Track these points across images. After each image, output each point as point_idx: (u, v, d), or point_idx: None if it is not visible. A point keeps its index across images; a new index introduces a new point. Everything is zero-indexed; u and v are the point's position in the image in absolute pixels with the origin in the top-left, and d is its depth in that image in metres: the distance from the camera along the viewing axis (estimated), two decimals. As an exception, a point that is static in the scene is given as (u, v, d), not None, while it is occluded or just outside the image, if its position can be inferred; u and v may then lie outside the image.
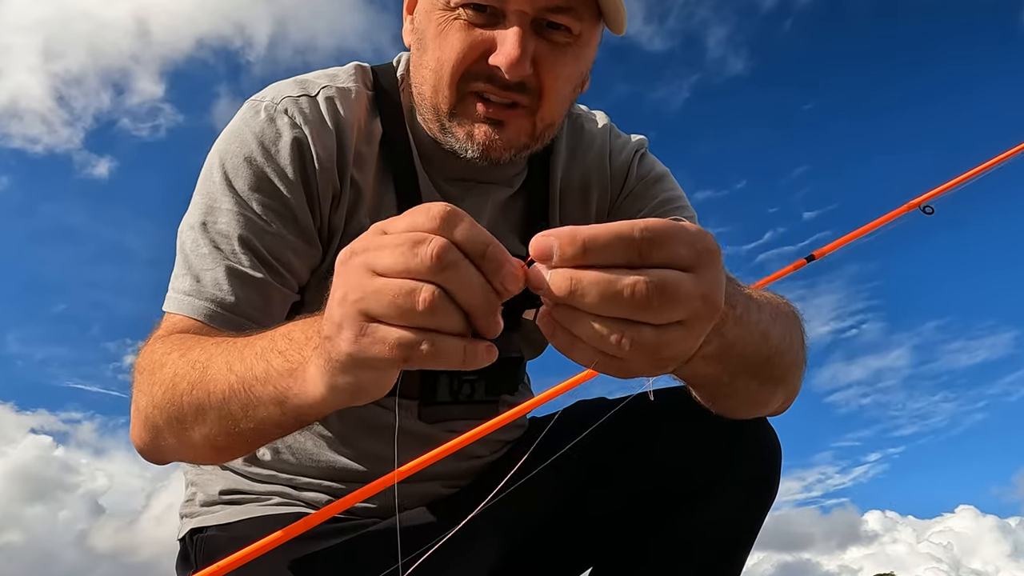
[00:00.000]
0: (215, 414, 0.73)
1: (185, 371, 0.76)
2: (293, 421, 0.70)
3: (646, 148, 1.17)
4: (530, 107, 0.91)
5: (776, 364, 0.77)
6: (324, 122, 0.96)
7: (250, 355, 0.69)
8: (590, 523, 1.11)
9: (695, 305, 0.50)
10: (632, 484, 1.08)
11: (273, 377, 0.66)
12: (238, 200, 0.92)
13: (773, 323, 0.75)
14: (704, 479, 1.05)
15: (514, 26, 0.85)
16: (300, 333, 0.65)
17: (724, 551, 1.07)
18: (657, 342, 0.49)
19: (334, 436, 1.04)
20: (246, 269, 0.90)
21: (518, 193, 1.09)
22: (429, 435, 1.03)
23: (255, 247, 0.91)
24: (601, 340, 0.49)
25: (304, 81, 1.00)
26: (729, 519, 1.06)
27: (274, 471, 1.06)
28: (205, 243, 0.91)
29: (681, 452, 1.05)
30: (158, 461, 0.90)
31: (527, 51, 0.86)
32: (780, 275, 1.50)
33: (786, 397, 0.88)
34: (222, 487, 1.08)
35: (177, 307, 0.90)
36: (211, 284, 0.89)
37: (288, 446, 1.05)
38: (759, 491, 1.07)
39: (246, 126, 0.95)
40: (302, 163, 0.94)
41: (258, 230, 0.91)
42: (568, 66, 0.91)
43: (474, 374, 1.06)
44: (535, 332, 1.12)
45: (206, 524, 1.05)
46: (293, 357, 0.64)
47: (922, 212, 1.64)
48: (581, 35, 0.90)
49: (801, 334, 0.86)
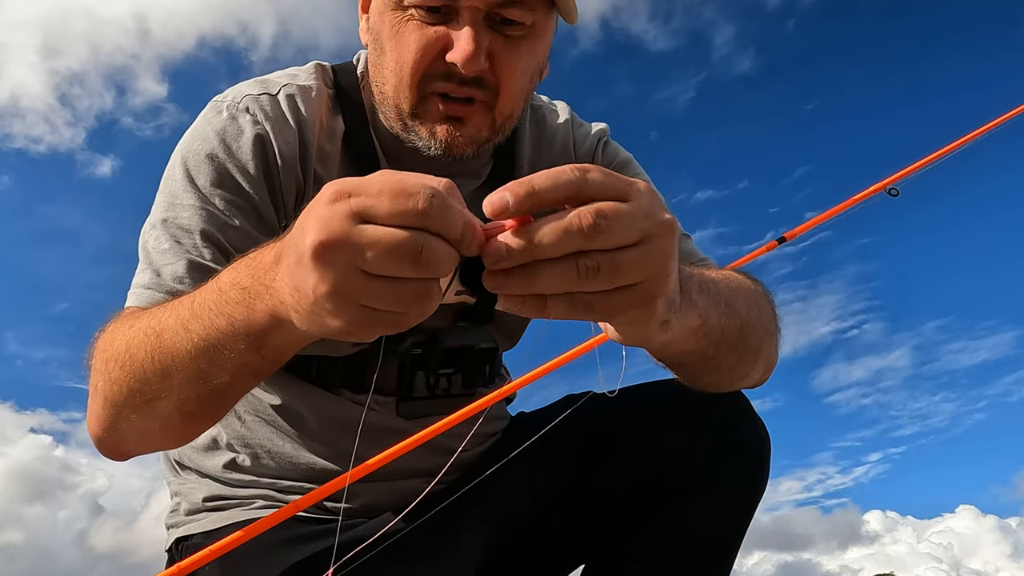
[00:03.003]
0: (182, 376, 0.72)
1: (140, 341, 0.75)
2: (271, 363, 0.70)
3: (608, 135, 1.18)
4: (488, 101, 0.92)
5: (749, 334, 0.80)
6: (286, 119, 0.96)
7: (204, 312, 0.69)
8: (581, 520, 1.11)
9: (642, 223, 0.53)
10: (622, 480, 1.09)
11: (241, 327, 0.66)
12: (200, 196, 0.92)
13: (735, 295, 0.78)
14: (694, 474, 1.06)
15: (467, 23, 0.87)
16: (250, 280, 0.65)
17: (716, 546, 1.08)
18: (614, 263, 0.52)
19: (312, 438, 1.05)
20: (207, 262, 0.89)
21: (484, 184, 1.09)
22: (407, 431, 1.03)
23: (218, 240, 0.91)
24: (565, 279, 0.52)
25: (265, 80, 1.01)
26: (720, 514, 1.07)
27: (255, 476, 1.06)
28: (166, 238, 0.90)
29: (670, 448, 1.06)
30: (117, 451, 0.88)
31: (481, 46, 0.87)
32: (752, 257, 1.53)
33: (765, 368, 0.90)
34: (205, 494, 1.07)
35: (136, 300, 0.88)
36: (171, 277, 0.88)
37: (267, 450, 1.05)
38: (749, 485, 1.08)
39: (208, 125, 0.95)
40: (264, 159, 0.94)
41: (221, 224, 0.91)
42: (523, 58, 0.92)
43: (451, 367, 1.07)
44: (508, 323, 1.16)
45: (192, 532, 1.05)
46: (258, 305, 0.64)
47: (888, 194, 1.67)
48: (535, 26, 0.91)
49: (769, 304, 0.88)
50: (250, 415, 1.06)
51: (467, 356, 1.08)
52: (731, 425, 1.06)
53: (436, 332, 1.05)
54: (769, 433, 1.10)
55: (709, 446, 1.05)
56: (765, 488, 1.10)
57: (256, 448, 1.05)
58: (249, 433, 1.06)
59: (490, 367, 1.15)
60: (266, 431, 1.05)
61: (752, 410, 1.10)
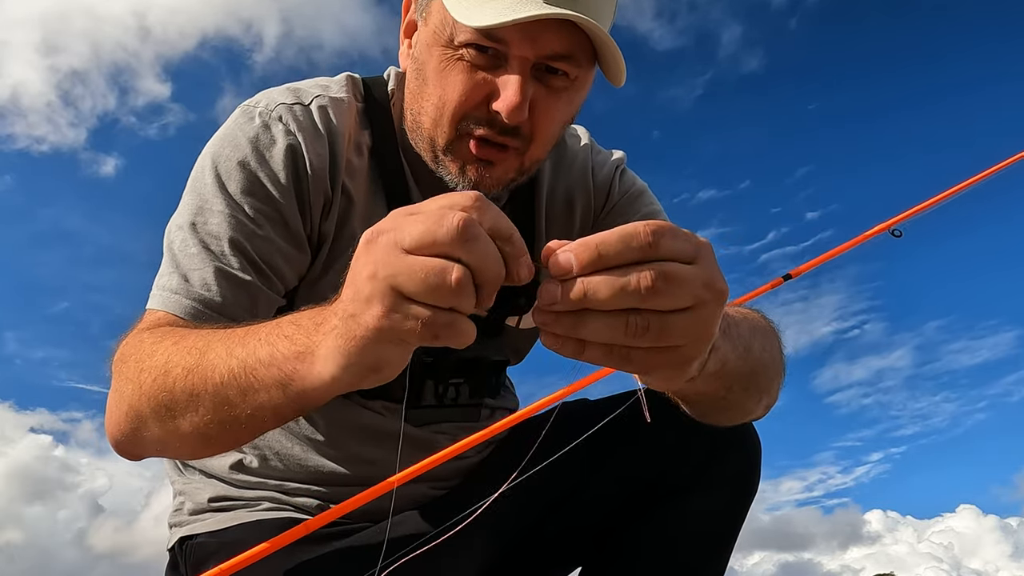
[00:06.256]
0: (210, 400, 0.73)
1: (179, 357, 0.76)
2: (293, 406, 0.70)
3: (625, 164, 1.21)
4: (520, 148, 0.93)
5: (761, 375, 0.81)
6: (317, 130, 0.97)
7: (253, 340, 0.70)
8: (578, 522, 1.12)
9: (699, 291, 0.53)
10: (619, 482, 1.10)
11: (279, 360, 0.66)
12: (230, 202, 0.92)
13: (752, 336, 0.78)
14: (688, 475, 1.07)
15: (516, 72, 0.87)
16: (308, 320, 0.66)
17: (709, 546, 1.10)
18: (664, 325, 0.53)
19: (321, 440, 1.05)
20: (235, 271, 0.90)
21: (505, 207, 1.11)
22: (416, 438, 1.05)
23: (245, 249, 0.91)
24: (611, 332, 0.53)
25: (297, 89, 1.01)
26: (713, 514, 1.08)
27: (262, 477, 1.06)
28: (194, 243, 0.91)
29: (665, 449, 1.08)
30: (133, 454, 0.88)
31: (527, 97, 0.87)
32: (759, 293, 1.54)
33: (767, 405, 0.91)
34: (211, 495, 1.08)
35: (162, 304, 0.89)
36: (199, 284, 0.89)
37: (276, 452, 1.06)
38: (742, 485, 1.10)
39: (240, 131, 0.95)
40: (295, 169, 0.95)
41: (249, 233, 0.92)
42: (562, 110, 0.94)
43: (459, 377, 1.09)
44: (517, 340, 1.18)
45: (196, 532, 1.05)
46: (301, 341, 0.65)
47: (891, 235, 1.70)
48: (577, 79, 0.92)
49: (779, 345, 0.89)
50: None
51: (478, 367, 1.10)
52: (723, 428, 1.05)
53: None
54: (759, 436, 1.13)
55: (703, 447, 1.07)
56: (757, 490, 1.12)
57: (265, 450, 1.06)
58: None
59: (496, 379, 1.17)
60: (276, 433, 1.06)
61: None
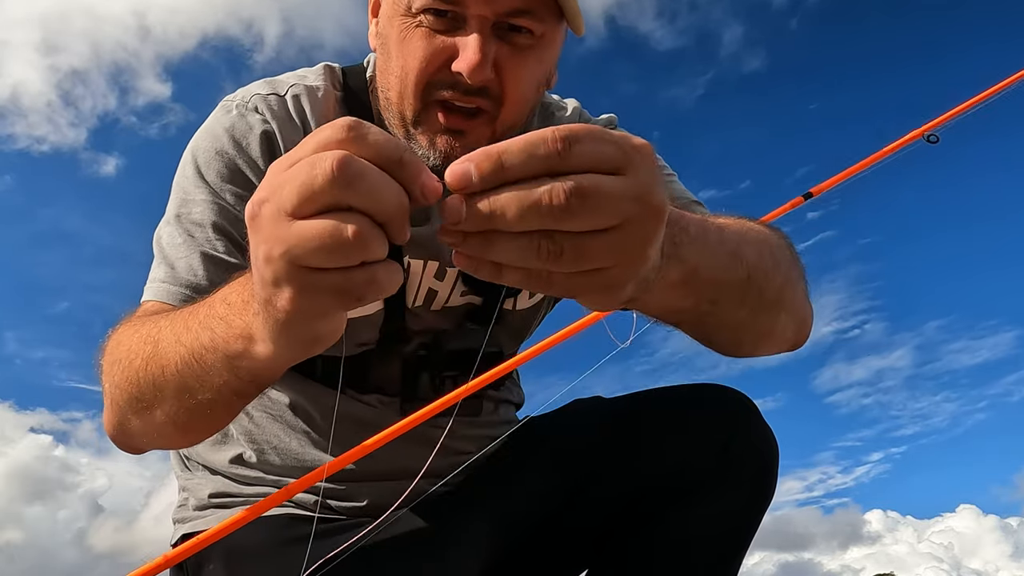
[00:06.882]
0: (171, 389, 0.73)
1: (138, 347, 0.76)
2: (250, 385, 0.69)
3: (616, 124, 1.17)
4: (492, 112, 0.91)
5: (763, 286, 0.73)
6: (291, 118, 0.99)
7: (195, 325, 0.69)
8: (585, 524, 1.09)
9: (626, 207, 0.47)
10: (627, 484, 1.06)
11: (220, 344, 0.65)
12: (211, 191, 0.94)
13: (743, 242, 0.72)
14: (700, 476, 1.03)
15: (475, 31, 0.86)
16: (237, 296, 0.64)
17: (722, 551, 1.05)
18: (581, 249, 0.47)
19: (317, 434, 1.05)
20: (221, 254, 0.92)
21: None
22: (413, 432, 1.01)
23: (229, 233, 0.93)
24: (523, 257, 0.47)
25: (274, 81, 1.04)
26: (727, 518, 1.04)
27: (261, 472, 1.06)
28: (179, 233, 0.93)
29: (676, 452, 1.04)
30: (129, 446, 0.89)
31: (488, 56, 0.86)
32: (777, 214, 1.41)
33: (796, 322, 0.85)
34: (211, 490, 1.08)
35: (152, 294, 0.90)
36: (185, 270, 0.90)
37: (273, 446, 1.06)
38: (757, 491, 1.05)
39: (218, 123, 0.98)
40: (272, 155, 0.96)
41: (232, 218, 0.93)
42: (530, 68, 0.91)
43: (455, 370, 1.06)
44: (516, 323, 1.16)
45: (198, 528, 1.05)
46: (235, 322, 0.63)
47: (926, 141, 1.56)
48: (543, 36, 0.90)
49: (787, 250, 0.82)
50: (258, 411, 1.07)
51: (471, 359, 1.07)
52: (739, 430, 1.04)
53: (441, 334, 1.06)
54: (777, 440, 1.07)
55: (717, 451, 1.03)
56: (773, 494, 1.06)
57: (263, 444, 1.06)
58: (256, 429, 1.07)
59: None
60: (274, 427, 1.06)
61: (759, 415, 1.07)
